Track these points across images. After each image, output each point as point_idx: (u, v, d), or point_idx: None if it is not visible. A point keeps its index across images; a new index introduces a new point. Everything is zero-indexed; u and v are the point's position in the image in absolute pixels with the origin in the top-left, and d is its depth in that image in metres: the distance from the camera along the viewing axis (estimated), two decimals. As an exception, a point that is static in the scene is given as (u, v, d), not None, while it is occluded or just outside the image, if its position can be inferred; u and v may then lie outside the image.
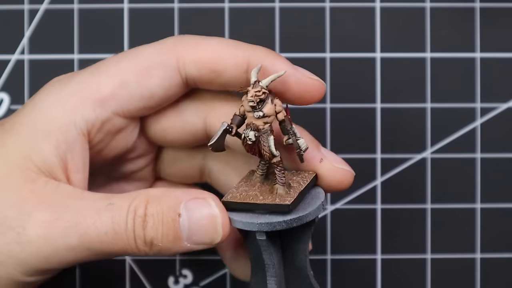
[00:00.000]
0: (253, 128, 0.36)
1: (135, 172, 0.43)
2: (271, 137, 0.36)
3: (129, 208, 0.36)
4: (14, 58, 0.49)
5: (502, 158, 0.49)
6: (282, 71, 0.36)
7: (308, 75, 0.38)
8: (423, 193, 0.49)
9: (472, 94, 0.49)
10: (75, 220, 0.35)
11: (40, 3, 0.49)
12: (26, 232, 0.35)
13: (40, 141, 0.37)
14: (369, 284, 0.49)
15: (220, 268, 0.49)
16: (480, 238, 0.49)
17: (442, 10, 0.49)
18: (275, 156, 0.37)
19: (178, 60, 0.38)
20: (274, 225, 0.36)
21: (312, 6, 0.49)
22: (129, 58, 0.38)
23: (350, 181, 0.39)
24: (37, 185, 0.36)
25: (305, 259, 0.38)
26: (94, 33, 0.49)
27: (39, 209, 0.36)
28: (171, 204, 0.36)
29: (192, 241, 0.36)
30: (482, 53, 0.49)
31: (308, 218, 0.36)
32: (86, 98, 0.38)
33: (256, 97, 0.36)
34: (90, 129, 0.38)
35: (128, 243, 0.36)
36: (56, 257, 0.36)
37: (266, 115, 0.36)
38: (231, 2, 0.48)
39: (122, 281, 0.49)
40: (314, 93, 0.38)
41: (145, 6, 0.49)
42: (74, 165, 0.38)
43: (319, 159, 0.38)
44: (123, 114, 0.38)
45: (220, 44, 0.38)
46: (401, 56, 0.49)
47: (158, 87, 0.38)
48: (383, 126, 0.49)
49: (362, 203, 0.49)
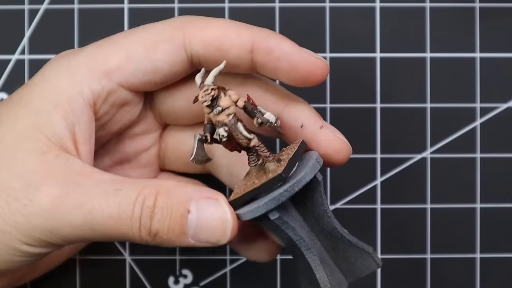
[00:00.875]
0: (221, 125, 0.37)
1: (140, 154, 0.43)
2: (239, 124, 0.37)
3: (137, 197, 0.36)
4: (14, 58, 0.49)
5: (502, 158, 0.49)
6: (222, 64, 0.37)
7: (312, 54, 0.38)
8: (423, 193, 0.49)
9: (472, 94, 0.49)
10: (81, 199, 0.36)
11: (40, 3, 0.49)
12: (32, 204, 0.36)
13: (49, 112, 0.37)
14: (369, 284, 0.49)
15: (220, 268, 0.49)
16: (480, 238, 0.49)
17: (442, 10, 0.49)
18: (251, 139, 0.37)
19: (185, 37, 0.38)
20: (277, 198, 0.36)
21: (312, 6, 0.49)
22: (137, 33, 0.39)
23: (347, 154, 0.39)
24: (46, 157, 0.37)
25: (331, 220, 0.38)
26: (94, 33, 0.49)
27: (47, 183, 0.36)
28: (181, 200, 0.36)
29: (198, 238, 0.36)
30: (482, 53, 0.49)
31: (307, 178, 0.36)
32: (92, 70, 0.38)
33: (207, 96, 0.36)
34: (96, 99, 0.38)
35: (132, 230, 0.36)
36: (59, 233, 0.36)
37: (225, 107, 0.37)
38: (231, 2, 0.49)
39: (122, 281, 0.49)
40: (318, 72, 0.38)
41: (145, 6, 0.49)
42: (82, 136, 0.38)
43: (319, 126, 0.39)
44: (128, 86, 0.39)
45: (226, 24, 0.38)
46: (401, 56, 0.49)
47: (163, 62, 0.38)
48: (383, 126, 0.49)
49: (362, 203, 0.49)
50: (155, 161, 0.44)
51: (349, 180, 0.49)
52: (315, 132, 0.39)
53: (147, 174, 0.44)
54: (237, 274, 0.49)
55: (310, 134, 0.39)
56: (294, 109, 0.39)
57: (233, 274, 0.49)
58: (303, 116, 0.39)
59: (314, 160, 0.37)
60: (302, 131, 0.38)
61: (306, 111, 0.39)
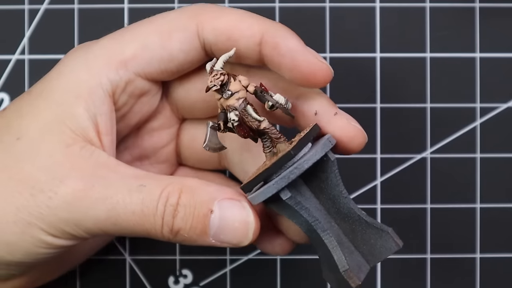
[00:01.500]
0: (231, 110, 0.37)
1: (159, 150, 0.43)
2: (248, 106, 0.37)
3: (161, 194, 0.36)
4: (14, 58, 0.49)
5: (502, 158, 0.49)
6: (232, 50, 0.37)
7: (317, 56, 0.38)
8: (423, 193, 0.49)
9: (472, 94, 0.49)
10: (105, 193, 0.36)
11: (40, 3, 0.49)
12: (57, 196, 0.36)
13: (71, 105, 0.37)
14: (369, 284, 0.49)
15: (220, 268, 0.49)
16: (480, 238, 0.49)
17: (442, 10, 0.49)
18: (261, 121, 0.37)
19: (198, 25, 0.38)
20: (287, 175, 0.35)
21: (312, 6, 0.49)
22: (152, 22, 0.39)
23: (362, 141, 0.38)
24: (71, 150, 0.37)
25: (348, 202, 0.37)
26: (94, 33, 0.49)
27: (72, 176, 0.36)
28: (204, 199, 0.36)
29: (219, 239, 0.36)
30: (482, 53, 0.49)
31: (317, 155, 0.36)
32: (110, 60, 0.38)
33: (216, 81, 0.36)
34: (114, 90, 0.38)
35: (154, 227, 0.36)
36: (83, 225, 0.36)
37: (234, 92, 0.37)
38: (231, 2, 0.49)
39: (122, 281, 0.49)
40: (319, 74, 0.38)
41: (145, 6, 0.49)
42: (104, 127, 0.38)
43: (333, 113, 0.38)
44: (145, 76, 0.39)
45: (239, 15, 0.38)
46: (401, 56, 0.49)
47: (178, 50, 0.38)
48: (383, 126, 0.49)
49: (362, 203, 0.49)
50: (173, 157, 0.44)
51: (349, 180, 0.49)
52: (329, 119, 0.38)
53: (165, 170, 0.44)
54: (237, 274, 0.49)
55: (325, 121, 0.38)
56: (308, 97, 0.39)
57: (233, 274, 0.49)
58: (317, 103, 0.39)
59: (326, 139, 0.37)
60: (316, 119, 0.38)
61: (320, 99, 0.39)
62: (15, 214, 0.36)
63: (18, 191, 0.36)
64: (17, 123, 0.38)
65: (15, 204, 0.36)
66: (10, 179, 0.36)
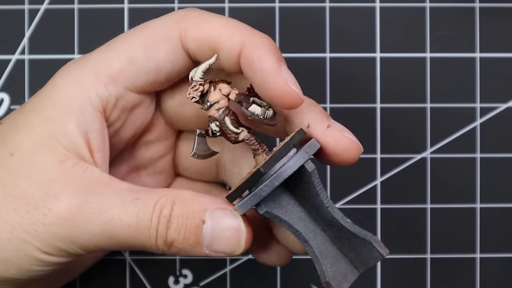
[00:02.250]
0: (212, 120, 0.37)
1: (156, 162, 0.43)
2: (226, 118, 0.36)
3: (155, 206, 0.36)
4: (14, 58, 0.49)
5: (502, 158, 0.49)
6: (213, 58, 0.37)
7: (289, 81, 0.36)
8: (423, 193, 0.49)
9: (472, 94, 0.49)
10: (100, 208, 0.36)
11: (40, 3, 0.49)
12: (51, 213, 0.36)
13: (63, 122, 0.37)
14: (368, 284, 0.49)
15: (220, 268, 0.49)
16: (480, 238, 0.49)
17: (442, 10, 0.49)
18: (239, 133, 0.37)
19: (181, 34, 0.38)
20: (258, 193, 0.35)
21: (312, 6, 0.49)
22: (137, 33, 0.39)
23: (357, 152, 0.38)
24: (65, 166, 0.37)
25: (331, 211, 0.36)
26: (94, 33, 0.49)
27: (66, 192, 0.36)
28: (196, 209, 0.36)
29: (212, 249, 0.36)
30: (482, 53, 0.49)
31: (288, 171, 0.35)
32: (98, 76, 0.38)
33: (194, 92, 0.36)
34: (105, 106, 0.38)
35: (149, 240, 0.36)
36: (78, 241, 0.36)
37: (213, 102, 0.36)
38: (231, 2, 0.49)
39: (122, 281, 0.49)
40: (287, 102, 0.36)
41: (145, 6, 0.49)
42: (95, 144, 0.38)
43: (326, 125, 0.38)
44: (134, 89, 0.39)
45: (223, 25, 0.37)
46: (401, 56, 0.49)
47: (165, 61, 0.38)
48: (383, 126, 0.49)
49: (362, 203, 0.49)
50: (170, 168, 0.44)
51: (349, 180, 0.49)
52: (322, 132, 0.38)
53: (163, 181, 0.44)
54: (237, 274, 0.49)
55: (318, 134, 0.38)
56: (300, 110, 0.38)
57: (233, 274, 0.49)
58: (309, 116, 0.38)
59: (303, 150, 0.36)
60: (308, 132, 0.38)
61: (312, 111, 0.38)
62: (10, 231, 0.36)
63: (13, 208, 0.36)
64: (11, 138, 0.38)
65: (10, 222, 0.36)
66: (5, 196, 0.36)
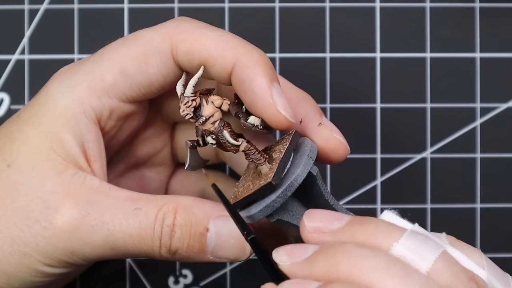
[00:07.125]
0: (208, 133, 0.37)
1: (154, 156, 0.43)
2: (225, 132, 0.36)
3: (157, 215, 0.36)
4: (14, 58, 0.49)
5: (502, 158, 0.49)
6: (200, 70, 0.36)
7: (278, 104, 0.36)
8: (423, 193, 0.49)
9: (472, 94, 0.49)
10: (102, 219, 0.36)
11: (40, 3, 0.49)
12: (53, 226, 0.36)
13: (59, 132, 0.37)
14: (369, 284, 0.49)
15: (220, 268, 0.49)
16: (480, 238, 0.49)
17: (442, 10, 0.49)
18: (239, 145, 0.37)
19: (172, 47, 0.37)
20: (271, 205, 0.35)
21: (312, 6, 0.49)
22: (129, 45, 0.38)
23: (343, 153, 0.38)
24: (63, 177, 0.37)
25: (334, 209, 0.37)
26: (94, 33, 0.49)
27: (67, 204, 0.36)
28: (200, 217, 0.36)
29: (217, 255, 0.37)
30: (482, 53, 0.49)
31: (298, 180, 0.35)
32: (91, 88, 0.38)
33: (188, 109, 0.36)
34: (99, 117, 0.38)
35: (152, 249, 0.36)
36: (81, 253, 0.36)
37: (208, 117, 0.36)
38: (231, 2, 0.48)
39: (122, 281, 0.49)
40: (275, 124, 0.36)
41: (145, 6, 0.49)
42: (92, 154, 0.38)
43: (317, 123, 0.38)
44: (128, 100, 0.39)
45: (215, 39, 0.37)
46: (401, 56, 0.49)
47: (156, 74, 0.38)
48: (383, 126, 0.49)
49: (362, 203, 0.49)
50: (169, 159, 0.44)
51: (349, 180, 0.49)
52: (313, 129, 0.38)
53: (163, 171, 0.44)
54: (237, 274, 0.49)
55: (308, 131, 0.38)
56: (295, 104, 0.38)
57: (233, 274, 0.49)
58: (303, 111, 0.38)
59: (306, 155, 0.36)
60: (300, 127, 0.38)
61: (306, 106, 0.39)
62: (11, 245, 0.36)
63: (14, 222, 0.36)
64: (7, 148, 0.37)
65: (11, 236, 0.36)
66: (5, 209, 0.36)
